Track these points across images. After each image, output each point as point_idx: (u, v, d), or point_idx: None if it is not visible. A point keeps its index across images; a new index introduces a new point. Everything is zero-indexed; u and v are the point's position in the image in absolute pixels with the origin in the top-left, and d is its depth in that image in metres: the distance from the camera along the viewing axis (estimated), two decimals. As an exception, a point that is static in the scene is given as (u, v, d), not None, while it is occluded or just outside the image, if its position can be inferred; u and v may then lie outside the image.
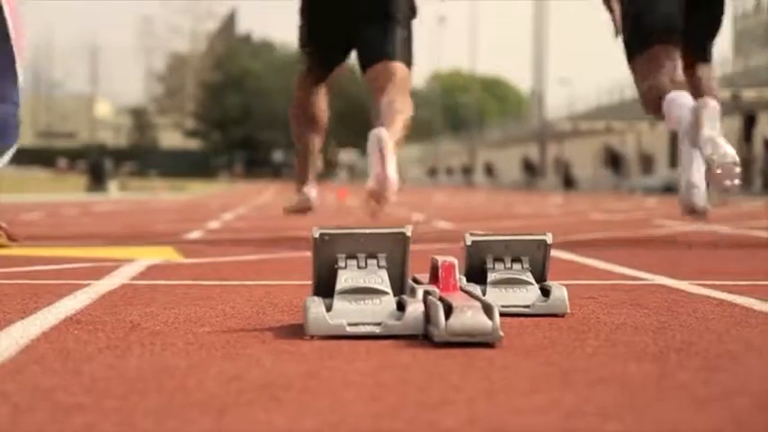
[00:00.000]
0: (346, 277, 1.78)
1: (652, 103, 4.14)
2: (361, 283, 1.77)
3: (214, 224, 6.26)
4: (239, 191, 26.61)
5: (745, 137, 21.12)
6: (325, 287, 1.80)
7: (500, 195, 20.66)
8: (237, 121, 78.57)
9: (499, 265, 2.07)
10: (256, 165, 74.04)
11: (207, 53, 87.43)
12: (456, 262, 1.87)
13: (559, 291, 2.01)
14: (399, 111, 4.07)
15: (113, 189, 17.39)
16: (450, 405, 1.22)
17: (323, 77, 4.51)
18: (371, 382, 1.35)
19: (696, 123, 3.81)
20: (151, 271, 2.90)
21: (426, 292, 1.78)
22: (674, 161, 29.27)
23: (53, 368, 1.39)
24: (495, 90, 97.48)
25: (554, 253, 3.77)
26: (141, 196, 16.28)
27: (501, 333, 1.64)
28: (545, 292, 2.03)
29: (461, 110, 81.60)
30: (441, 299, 1.75)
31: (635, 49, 4.24)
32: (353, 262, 1.80)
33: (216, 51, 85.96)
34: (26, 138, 79.07)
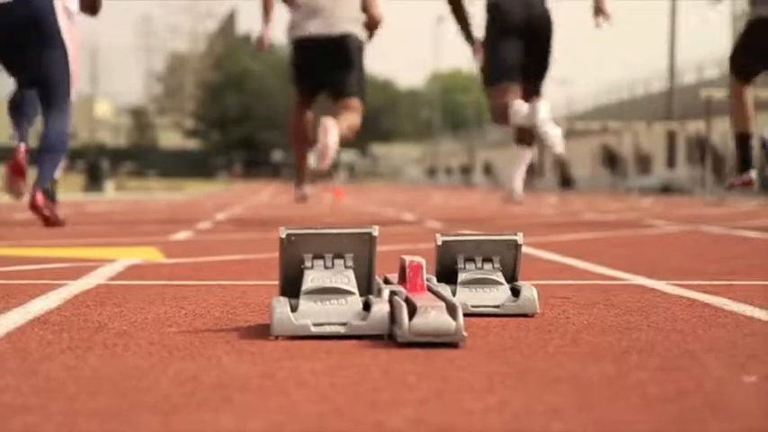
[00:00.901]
0: (312, 277, 1.78)
1: (502, 114, 6.54)
2: (328, 284, 1.77)
3: (204, 224, 6.26)
4: (237, 191, 26.60)
5: (743, 137, 21.02)
6: (291, 287, 1.80)
7: (497, 195, 20.64)
8: (237, 121, 78.56)
9: (470, 265, 2.07)
10: (255, 165, 74.02)
11: (206, 53, 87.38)
12: (423, 262, 1.87)
13: (529, 291, 2.01)
14: (347, 119, 6.48)
15: (110, 189, 17.37)
16: (400, 405, 1.22)
17: (307, 106, 6.81)
18: (326, 382, 1.35)
19: (533, 112, 6.31)
20: (129, 271, 2.90)
21: (392, 293, 1.79)
22: (671, 161, 29.23)
23: (9, 368, 1.40)
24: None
25: (538, 253, 3.78)
26: (138, 196, 16.28)
27: (464, 333, 1.64)
28: (515, 292, 2.03)
29: (461, 110, 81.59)
30: (406, 299, 1.76)
31: (492, 80, 6.68)
32: (320, 262, 1.80)
33: (215, 51, 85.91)
34: (25, 138, 78.93)
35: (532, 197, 16.96)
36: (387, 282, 2.02)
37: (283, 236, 1.79)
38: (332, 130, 6.00)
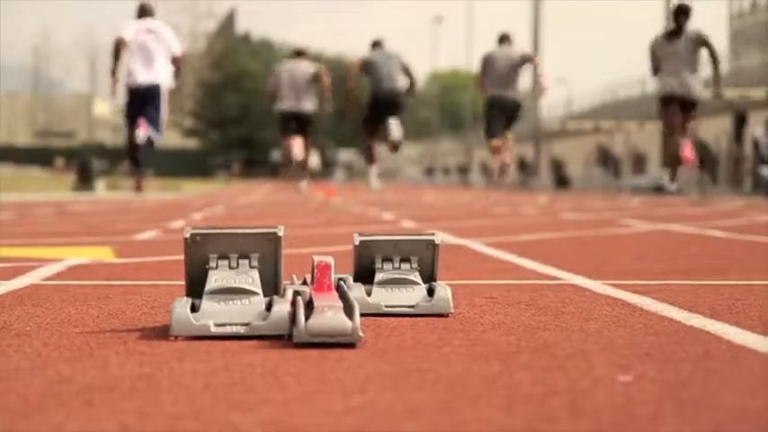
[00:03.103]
0: (216, 278, 1.78)
1: (368, 152, 13.16)
2: (232, 284, 1.77)
3: (178, 223, 6.26)
4: (232, 190, 26.58)
5: (736, 136, 21.09)
6: (197, 288, 1.80)
7: (490, 195, 20.63)
8: (236, 120, 78.45)
9: (388, 265, 2.07)
10: (254, 164, 73.97)
11: (206, 52, 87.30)
12: (332, 262, 1.87)
13: (444, 291, 2.01)
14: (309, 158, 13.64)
15: (101, 188, 17.33)
16: (264, 406, 1.22)
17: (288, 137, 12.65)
18: (201, 383, 1.35)
19: (390, 128, 11.69)
20: (70, 271, 2.90)
21: (296, 293, 1.78)
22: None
23: None
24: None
25: (495, 253, 3.77)
26: (129, 196, 16.26)
27: (361, 333, 1.64)
28: (431, 293, 2.03)
29: (460, 109, 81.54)
30: (310, 299, 1.76)
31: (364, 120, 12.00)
32: (225, 262, 1.80)
33: (215, 51, 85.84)
34: (25, 137, 78.99)
35: (525, 197, 16.94)
36: (305, 283, 2.02)
37: (187, 236, 1.79)
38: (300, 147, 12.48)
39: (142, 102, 10.66)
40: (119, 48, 10.78)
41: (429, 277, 2.08)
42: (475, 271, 3.07)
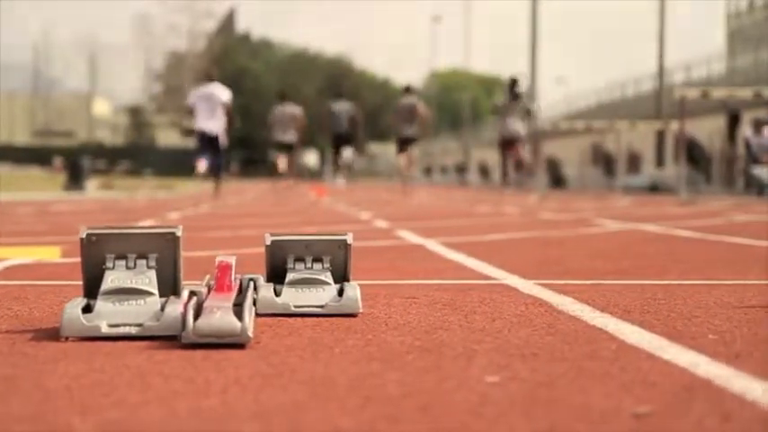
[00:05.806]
0: (113, 278, 1.77)
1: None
2: (128, 284, 1.76)
3: (147, 222, 6.25)
4: (227, 190, 26.55)
5: (729, 136, 21.07)
6: (96, 288, 1.78)
7: (483, 194, 20.61)
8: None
9: (300, 265, 2.05)
10: (253, 163, 73.97)
11: (205, 52, 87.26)
12: (233, 262, 1.86)
13: (353, 291, 2.00)
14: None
15: (91, 188, 17.32)
16: (114, 408, 1.21)
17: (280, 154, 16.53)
18: (63, 385, 1.34)
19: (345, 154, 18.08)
20: (6, 271, 2.89)
21: (192, 293, 1.77)
22: (660, 160, 29.20)
23: None
24: (495, 89, 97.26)
25: (446, 253, 3.76)
26: (119, 196, 16.25)
27: (250, 334, 1.63)
28: (342, 292, 2.02)
29: (458, 109, 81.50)
30: (204, 300, 1.75)
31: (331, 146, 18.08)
32: (122, 262, 1.79)
33: (214, 50, 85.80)
34: (23, 136, 78.98)
35: (516, 197, 16.92)
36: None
37: (83, 236, 1.77)
38: (283, 163, 16.43)
39: (206, 142, 14.58)
40: (189, 111, 14.91)
41: (342, 277, 2.06)
42: (415, 270, 3.06)
